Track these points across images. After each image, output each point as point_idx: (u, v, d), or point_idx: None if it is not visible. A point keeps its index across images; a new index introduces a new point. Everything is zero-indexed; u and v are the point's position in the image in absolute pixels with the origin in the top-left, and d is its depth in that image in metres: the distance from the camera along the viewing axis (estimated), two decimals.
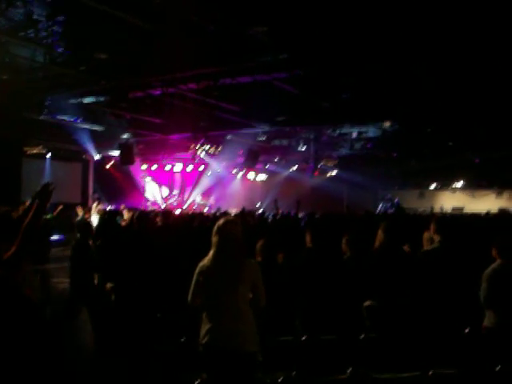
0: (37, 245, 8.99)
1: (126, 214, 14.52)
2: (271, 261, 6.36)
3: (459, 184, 31.06)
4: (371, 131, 21.11)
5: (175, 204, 31.46)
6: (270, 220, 15.03)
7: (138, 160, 26.56)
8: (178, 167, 31.30)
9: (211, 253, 4.70)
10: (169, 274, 7.35)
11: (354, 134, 21.97)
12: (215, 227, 4.72)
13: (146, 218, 10.98)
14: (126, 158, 22.10)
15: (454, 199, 32.11)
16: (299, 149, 24.21)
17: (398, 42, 10.11)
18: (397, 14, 9.02)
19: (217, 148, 22.54)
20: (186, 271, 4.93)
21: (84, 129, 21.14)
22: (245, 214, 14.54)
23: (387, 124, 19.37)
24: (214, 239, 4.69)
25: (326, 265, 6.70)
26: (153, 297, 7.11)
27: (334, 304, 6.19)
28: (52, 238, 15.74)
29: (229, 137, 22.32)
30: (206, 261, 4.71)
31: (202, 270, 4.68)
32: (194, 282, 4.73)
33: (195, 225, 11.66)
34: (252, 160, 23.69)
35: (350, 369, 4.59)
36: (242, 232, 4.74)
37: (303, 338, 5.37)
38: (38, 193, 4.12)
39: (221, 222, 4.76)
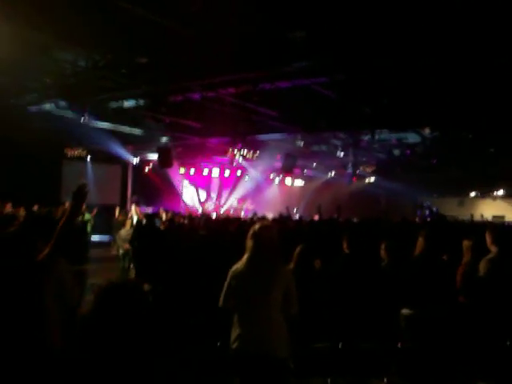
0: (74, 245, 9.10)
1: (165, 217, 14.62)
2: (308, 267, 6.31)
3: (500, 192, 30.56)
4: (411, 137, 20.88)
5: (212, 208, 31.57)
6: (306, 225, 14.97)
7: (176, 163, 26.74)
8: (216, 171, 31.44)
9: (245, 257, 4.68)
10: (206, 278, 7.36)
11: (393, 140, 21.75)
12: (250, 231, 4.70)
13: (176, 221, 11.11)
14: (165, 162, 22.29)
15: (494, 207, 31.58)
16: (337, 154, 24.10)
17: (440, 46, 9.98)
18: (440, 18, 8.90)
19: (254, 153, 22.53)
20: (223, 275, 4.92)
21: (124, 132, 21.36)
22: (284, 219, 14.49)
23: (427, 130, 19.16)
24: (249, 243, 4.67)
25: (364, 271, 6.62)
26: (190, 299, 7.11)
27: (371, 311, 6.11)
28: (91, 238, 15.93)
29: (266, 139, 22.27)
30: (239, 265, 4.69)
31: (235, 274, 4.66)
32: (226, 285, 4.71)
33: (232, 229, 11.65)
34: (290, 165, 23.63)
35: (386, 378, 4.53)
36: (277, 237, 4.71)
37: (339, 345, 5.32)
38: (74, 194, 4.14)
39: (256, 226, 4.73)
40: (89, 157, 26.55)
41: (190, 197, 32.69)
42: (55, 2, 9.08)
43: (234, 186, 32.66)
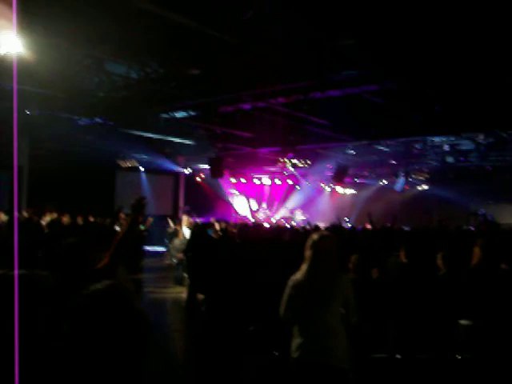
0: (130, 255, 9.24)
1: (218, 227, 14.72)
2: (365, 276, 6.26)
3: None
4: (464, 144, 20.52)
5: (264, 217, 31.62)
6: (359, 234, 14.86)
7: (227, 173, 26.91)
8: (267, 181, 31.52)
9: (304, 267, 4.66)
10: (259, 287, 7.36)
11: (446, 147, 21.41)
12: (309, 241, 4.68)
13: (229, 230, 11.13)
14: (216, 172, 22.46)
15: None
16: (389, 162, 23.85)
17: (493, 51, 9.81)
18: (495, 22, 8.75)
19: (305, 162, 22.49)
20: (278, 284, 4.91)
21: (175, 142, 21.61)
22: (337, 228, 14.41)
23: (481, 136, 18.81)
24: (308, 253, 4.65)
25: (421, 281, 6.52)
26: (245, 309, 7.12)
27: (429, 321, 6.01)
28: (145, 248, 16.16)
29: (317, 148, 22.20)
30: (298, 275, 4.68)
31: (295, 284, 4.65)
32: (286, 295, 4.71)
33: (285, 239, 11.63)
34: (341, 174, 23.51)
35: None
36: (336, 247, 4.69)
37: (397, 356, 5.24)
38: (133, 206, 4.22)
39: (315, 236, 4.72)
40: (141, 168, 26.97)
41: (241, 206, 32.82)
42: (107, 16, 9.27)
43: (284, 195, 32.65)
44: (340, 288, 4.57)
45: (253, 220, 30.28)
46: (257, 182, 32.03)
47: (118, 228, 15.08)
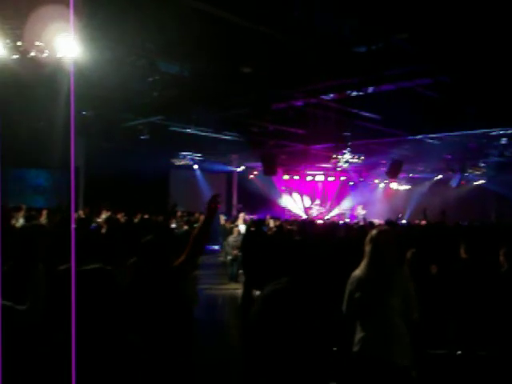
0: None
1: (272, 224, 14.75)
2: (423, 272, 6.17)
3: None
4: None
5: (317, 214, 31.51)
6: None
7: (280, 170, 26.91)
8: (320, 177, 31.41)
9: (364, 263, 4.64)
10: (317, 284, 7.31)
11: (504, 140, 20.84)
12: (369, 237, 4.65)
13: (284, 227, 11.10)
14: (269, 169, 22.49)
15: None
16: (444, 157, 23.44)
17: None
18: None
19: (359, 158, 22.29)
20: (336, 280, 4.89)
21: (228, 140, 21.72)
22: (392, 224, 14.24)
23: None
24: (368, 249, 4.63)
25: (483, 277, 6.38)
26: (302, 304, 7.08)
27: (491, 318, 5.88)
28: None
29: (370, 144, 21.98)
30: (358, 271, 4.66)
31: (356, 280, 4.63)
32: (347, 292, 4.69)
33: (340, 235, 11.56)
34: (395, 170, 23.26)
35: None
36: (394, 242, 4.65)
37: (458, 353, 5.16)
38: (208, 204, 4.27)
39: (375, 231, 4.69)
40: (195, 165, 27.20)
41: (295, 203, 32.77)
42: (159, 16, 9.38)
43: (338, 191, 32.45)
44: (400, 283, 4.53)
45: (306, 217, 30.21)
46: (310, 178, 31.94)
47: (173, 225, 15.29)
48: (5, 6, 7.88)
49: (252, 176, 29.55)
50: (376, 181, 31.56)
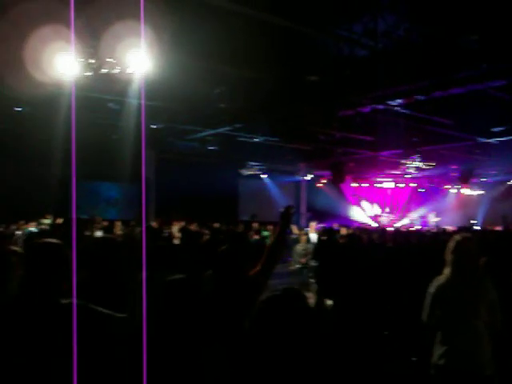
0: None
1: (343, 232, 14.66)
2: (499, 279, 5.97)
3: None
4: None
5: (387, 222, 31.11)
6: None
7: (348, 178, 26.71)
8: (389, 184, 31.02)
9: (447, 271, 4.51)
10: (392, 293, 7.21)
11: None
12: (451, 244, 4.53)
13: (358, 236, 10.99)
14: (337, 177, 22.36)
15: None
16: None
17: None
18: None
19: (429, 164, 21.89)
20: (413, 288, 4.80)
21: (296, 149, 21.72)
22: (468, 230, 13.88)
23: None
24: (451, 256, 4.50)
25: None
26: (378, 314, 6.99)
27: None
28: None
29: (441, 149, 21.53)
30: (441, 279, 4.54)
31: (438, 289, 4.51)
32: (429, 300, 4.58)
33: (413, 242, 11.35)
34: (467, 176, 22.75)
35: None
36: (477, 249, 4.52)
37: None
38: (281, 214, 4.29)
39: (458, 238, 4.56)
40: (263, 175, 27.31)
41: (364, 211, 32.47)
42: (226, 28, 9.50)
43: (408, 198, 31.93)
44: (485, 292, 4.39)
45: (375, 225, 29.87)
46: (379, 185, 31.59)
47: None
48: (79, 25, 8.14)
49: (320, 184, 29.44)
50: (447, 187, 30.87)
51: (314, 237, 14.54)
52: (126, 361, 3.05)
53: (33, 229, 14.96)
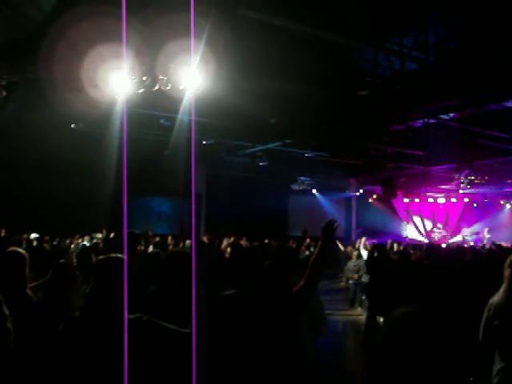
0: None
1: (395, 248, 14.52)
2: None
3: None
4: None
5: (439, 237, 30.62)
6: None
7: (399, 193, 26.43)
8: (442, 199, 30.57)
9: (504, 288, 4.40)
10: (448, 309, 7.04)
11: None
12: (509, 261, 4.43)
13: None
14: (389, 192, 22.14)
15: None
16: None
17: None
18: None
19: (482, 178, 21.48)
20: (469, 306, 4.69)
21: (346, 164, 21.64)
22: None
23: None
24: (507, 273, 4.39)
25: None
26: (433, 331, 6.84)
27: None
28: None
29: (494, 163, 21.09)
30: (497, 297, 4.43)
31: (494, 307, 4.40)
32: (484, 319, 4.47)
33: (467, 259, 11.08)
34: None
35: None
36: None
37: None
38: (323, 229, 4.26)
39: None
40: (313, 190, 27.28)
41: (416, 227, 32.05)
42: (277, 44, 9.56)
43: (461, 213, 31.33)
44: None
45: (427, 241, 29.44)
46: (431, 201, 31.15)
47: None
48: (133, 44, 8.32)
49: (371, 200, 29.22)
50: (502, 202, 30.20)
51: (364, 253, 14.42)
52: (187, 376, 3.08)
53: (86, 242, 15.26)
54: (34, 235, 15.32)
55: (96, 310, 3.11)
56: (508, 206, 30.50)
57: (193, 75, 9.45)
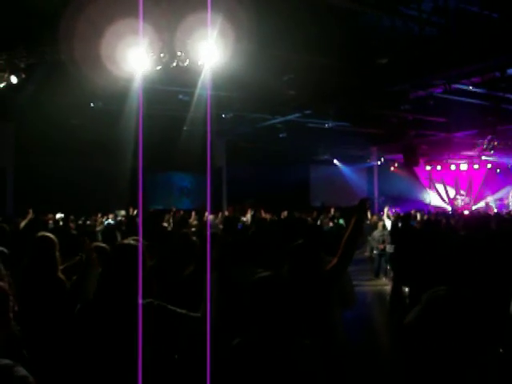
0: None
1: (419, 217, 14.47)
2: None
3: None
4: None
5: (462, 205, 30.38)
6: None
7: (421, 161, 26.21)
8: (464, 166, 30.27)
9: None
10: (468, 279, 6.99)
11: None
12: None
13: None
14: (411, 160, 21.98)
15: None
16: None
17: None
18: None
19: (506, 143, 21.22)
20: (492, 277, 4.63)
21: (367, 133, 21.49)
22: None
23: None
24: None
25: None
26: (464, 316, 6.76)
27: None
28: None
29: None
30: None
31: None
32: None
33: (493, 227, 10.89)
34: None
35: None
36: None
37: None
38: (356, 208, 4.23)
39: None
40: (335, 160, 27.17)
41: (439, 194, 31.82)
42: (294, 14, 9.46)
43: (484, 179, 30.98)
44: None
45: (450, 208, 29.24)
46: (453, 168, 30.86)
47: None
48: (150, 20, 8.29)
49: (393, 168, 29.03)
50: None
51: (387, 223, 14.35)
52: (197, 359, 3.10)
53: (110, 221, 15.35)
54: (59, 215, 15.47)
55: (108, 295, 3.15)
56: None
57: (211, 50, 9.41)
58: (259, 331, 2.71)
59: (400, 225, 11.48)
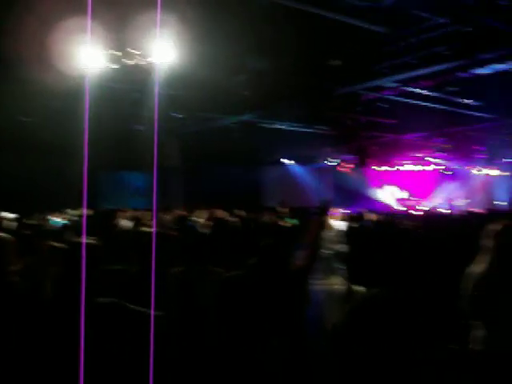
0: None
1: (373, 218, 14.68)
2: None
3: None
4: None
5: (411, 204, 30.89)
6: None
7: (372, 162, 26.58)
8: (414, 167, 30.81)
9: (485, 259, 4.41)
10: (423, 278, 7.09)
11: None
12: (492, 231, 4.44)
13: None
14: (362, 161, 22.29)
15: None
16: None
17: None
18: None
19: (454, 145, 21.68)
20: (444, 274, 4.73)
21: (320, 134, 21.67)
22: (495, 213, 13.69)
23: None
24: (490, 244, 4.40)
25: None
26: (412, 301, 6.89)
27: None
28: None
29: (466, 130, 21.25)
30: (477, 267, 4.44)
31: (475, 278, 4.42)
32: (465, 289, 4.51)
33: (443, 227, 11.16)
34: (494, 156, 22.47)
35: None
36: None
37: None
38: (318, 209, 4.32)
39: (500, 226, 4.47)
40: (286, 161, 27.33)
41: (390, 195, 32.30)
42: (247, 15, 9.49)
43: (433, 181, 31.59)
44: None
45: (399, 208, 29.72)
46: (403, 169, 31.39)
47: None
48: (101, 17, 8.20)
49: (344, 169, 29.35)
50: (473, 169, 30.50)
51: (340, 223, 14.51)
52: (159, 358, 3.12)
53: (61, 220, 15.09)
54: (5, 214, 15.14)
55: (64, 294, 3.12)
56: (479, 173, 30.81)
57: (163, 48, 9.40)
58: (227, 330, 2.74)
59: (353, 225, 11.62)
